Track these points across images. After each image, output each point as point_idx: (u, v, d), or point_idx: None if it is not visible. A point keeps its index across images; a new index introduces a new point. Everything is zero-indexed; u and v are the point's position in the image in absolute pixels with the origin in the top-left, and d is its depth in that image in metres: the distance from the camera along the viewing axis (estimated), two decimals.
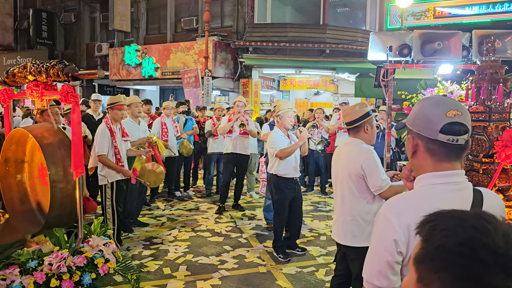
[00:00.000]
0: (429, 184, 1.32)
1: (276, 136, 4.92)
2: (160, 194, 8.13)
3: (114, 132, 4.70)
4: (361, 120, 3.01)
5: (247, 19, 14.04)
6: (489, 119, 3.25)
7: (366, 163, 2.89)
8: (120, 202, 4.83)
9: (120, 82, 15.77)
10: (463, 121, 1.28)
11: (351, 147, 3.06)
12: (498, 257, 0.67)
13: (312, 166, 8.66)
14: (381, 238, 1.29)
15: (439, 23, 15.19)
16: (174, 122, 7.64)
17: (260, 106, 14.59)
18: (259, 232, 6.01)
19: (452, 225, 0.74)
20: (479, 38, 3.83)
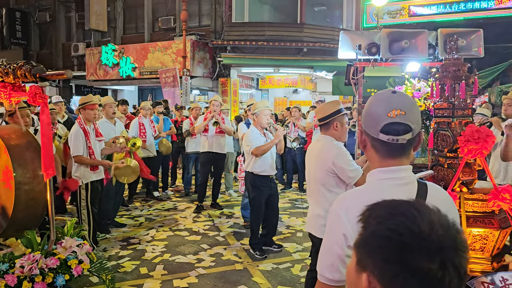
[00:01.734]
0: (376, 180, 1.37)
1: (252, 134, 4.99)
2: (138, 195, 8.09)
3: (88, 133, 4.67)
4: (331, 117, 3.09)
5: (225, 18, 14.05)
6: (452, 115, 3.36)
7: (337, 160, 2.98)
8: (95, 203, 4.81)
9: (97, 82, 15.58)
10: (405, 120, 1.29)
11: (322, 143, 3.15)
12: (422, 242, 0.72)
13: (290, 164, 8.75)
14: (332, 232, 1.34)
15: (414, 22, 15.47)
16: (152, 122, 7.61)
17: (239, 105, 14.62)
18: (236, 230, 6.06)
19: (384, 212, 0.80)
20: (444, 37, 3.95)
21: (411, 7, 15.47)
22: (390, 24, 15.28)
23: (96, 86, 16.19)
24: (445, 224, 0.76)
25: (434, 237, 0.73)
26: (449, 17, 15.00)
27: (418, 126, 1.36)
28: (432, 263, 0.71)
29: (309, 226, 3.29)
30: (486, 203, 3.17)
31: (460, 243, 0.74)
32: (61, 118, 7.24)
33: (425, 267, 0.71)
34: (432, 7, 15.26)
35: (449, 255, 0.72)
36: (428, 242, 0.72)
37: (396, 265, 0.73)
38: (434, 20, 15.23)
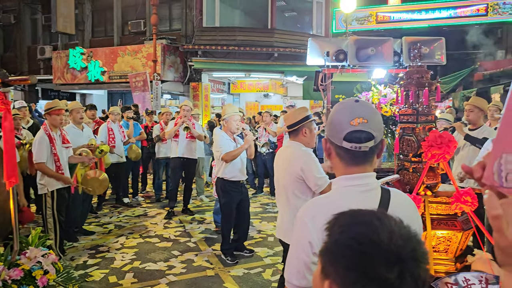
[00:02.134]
0: (341, 187, 1.41)
1: (222, 139, 4.98)
2: (107, 201, 7.94)
3: (53, 139, 4.54)
4: (300, 123, 3.14)
5: (196, 23, 14.01)
6: (417, 121, 3.47)
7: (305, 166, 3.01)
8: (61, 211, 4.68)
9: (65, 86, 15.20)
10: (367, 128, 1.33)
11: (291, 150, 3.18)
12: (381, 251, 0.74)
13: (261, 168, 8.79)
14: (299, 240, 1.36)
15: (381, 28, 15.89)
16: (121, 128, 7.49)
17: (211, 110, 14.58)
18: (208, 235, 6.03)
19: (348, 222, 0.82)
20: (408, 44, 4.08)
21: (378, 14, 15.88)
22: (358, 30, 15.63)
23: (64, 90, 15.81)
24: (406, 235, 0.78)
25: (393, 247, 0.75)
26: (414, 25, 15.47)
27: (380, 134, 1.39)
28: (390, 272, 0.73)
29: (278, 232, 3.33)
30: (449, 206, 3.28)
31: (419, 254, 0.76)
32: (26, 123, 7.03)
33: (383, 276, 0.73)
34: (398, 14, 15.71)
35: (407, 265, 0.74)
36: (387, 252, 0.74)
37: (356, 273, 0.75)
38: (400, 27, 15.68)
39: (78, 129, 5.74)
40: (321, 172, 3.03)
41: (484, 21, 14.90)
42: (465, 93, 12.91)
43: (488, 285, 2.75)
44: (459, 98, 12.79)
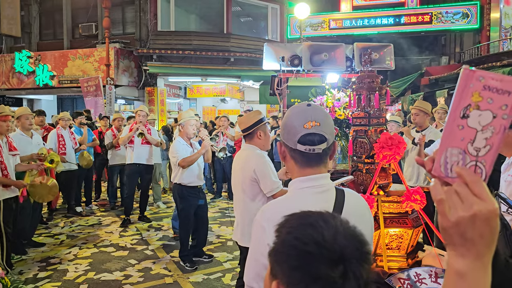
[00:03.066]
0: (297, 189, 1.44)
1: (179, 145, 4.93)
2: (58, 211, 7.61)
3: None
4: (254, 127, 3.20)
5: (150, 27, 13.79)
6: (369, 124, 3.60)
7: (258, 168, 3.06)
8: (9, 222, 4.44)
9: (10, 91, 14.46)
10: (320, 131, 1.37)
11: (246, 152, 3.22)
12: (324, 251, 0.76)
13: (220, 173, 8.76)
14: (257, 243, 1.38)
15: (334, 34, 16.36)
16: (72, 134, 7.23)
17: (167, 115, 14.37)
18: (166, 242, 5.93)
19: (295, 223, 0.84)
20: (359, 50, 4.23)
21: (331, 20, 16.33)
22: (312, 36, 16.00)
23: (9, 96, 15.02)
24: (350, 235, 0.80)
25: (336, 247, 0.77)
26: (365, 31, 16.05)
27: (332, 136, 1.44)
28: (334, 272, 0.75)
29: (235, 235, 3.36)
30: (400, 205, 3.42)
31: (362, 254, 0.78)
32: None
33: (326, 275, 0.75)
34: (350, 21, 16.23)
35: (350, 265, 0.76)
36: (330, 252, 0.76)
37: (300, 272, 0.76)
38: (352, 33, 16.22)
39: (27, 136, 5.48)
40: (274, 176, 3.08)
41: (429, 28, 15.70)
42: (413, 97, 13.51)
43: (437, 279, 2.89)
44: (407, 101, 13.37)
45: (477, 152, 0.71)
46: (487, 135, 0.70)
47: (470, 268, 0.71)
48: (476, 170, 0.72)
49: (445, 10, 15.32)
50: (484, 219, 0.68)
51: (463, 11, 15.15)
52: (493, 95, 0.69)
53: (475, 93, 0.70)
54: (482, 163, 0.71)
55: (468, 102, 0.71)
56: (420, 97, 12.69)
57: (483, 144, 0.71)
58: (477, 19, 14.98)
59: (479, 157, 0.71)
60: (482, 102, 0.70)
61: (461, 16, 15.15)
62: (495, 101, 0.69)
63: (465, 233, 0.70)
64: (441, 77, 14.07)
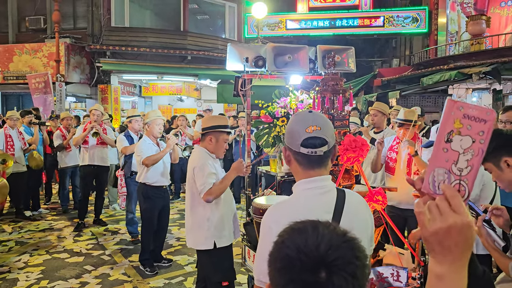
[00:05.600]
0: (301, 190, 1.54)
1: (144, 144, 4.84)
2: (5, 215, 7.16)
3: None
4: (207, 130, 3.26)
5: (103, 22, 13.30)
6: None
7: (196, 168, 3.13)
8: None
9: None
10: (321, 135, 1.48)
11: (195, 153, 3.32)
12: (303, 256, 0.79)
13: (178, 173, 8.60)
14: (264, 242, 1.45)
15: (291, 34, 16.56)
16: (21, 134, 6.82)
17: (121, 113, 13.94)
18: (123, 246, 5.74)
19: (289, 228, 0.88)
20: (322, 52, 4.27)
21: (288, 21, 16.50)
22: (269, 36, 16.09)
23: None
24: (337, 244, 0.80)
25: (315, 254, 0.79)
26: (321, 32, 16.36)
27: (333, 139, 1.54)
28: (313, 277, 0.78)
29: (188, 240, 3.40)
30: None
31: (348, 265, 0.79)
32: None
33: (310, 279, 0.77)
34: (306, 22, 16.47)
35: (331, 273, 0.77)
36: (308, 257, 0.78)
37: (283, 275, 0.81)
38: (308, 34, 16.49)
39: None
40: (206, 178, 3.10)
41: (381, 31, 16.25)
42: (367, 97, 13.93)
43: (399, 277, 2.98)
44: (361, 102, 13.77)
45: (460, 172, 0.82)
46: (468, 157, 0.81)
47: (447, 271, 0.81)
48: (460, 188, 0.82)
49: (396, 14, 15.92)
50: (458, 230, 0.78)
51: (413, 16, 15.81)
52: (472, 122, 0.80)
53: (456, 120, 0.81)
54: (465, 181, 0.82)
55: (451, 128, 0.82)
56: (373, 97, 13.10)
57: (465, 165, 0.81)
58: (425, 23, 15.69)
59: (462, 176, 0.82)
60: (463, 128, 0.81)
61: (411, 20, 15.80)
62: (473, 128, 0.80)
63: (443, 242, 0.80)
64: (393, 79, 14.61)
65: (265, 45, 4.27)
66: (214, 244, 3.23)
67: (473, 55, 12.78)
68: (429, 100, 13.57)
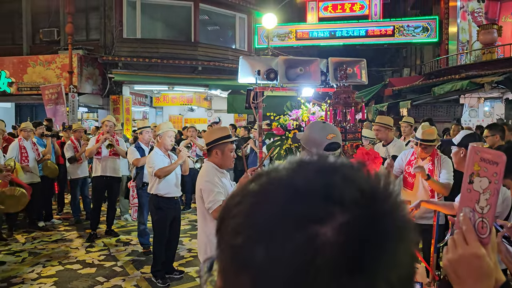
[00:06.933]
0: None
1: (156, 155, 4.88)
2: (19, 226, 7.23)
3: None
4: (211, 144, 3.25)
5: (116, 33, 13.50)
6: (345, 139, 3.64)
7: (203, 186, 3.13)
8: None
9: None
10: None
11: (203, 169, 3.32)
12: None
13: (189, 184, 8.60)
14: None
15: (301, 45, 16.63)
16: (34, 145, 6.92)
17: (132, 123, 14.06)
18: (135, 258, 5.75)
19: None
20: (334, 65, 4.29)
21: (297, 31, 16.57)
22: (279, 46, 16.18)
23: None
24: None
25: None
26: (331, 42, 16.39)
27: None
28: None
29: (199, 253, 3.42)
30: None
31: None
32: None
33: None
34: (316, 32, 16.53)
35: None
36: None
37: None
38: (318, 44, 16.53)
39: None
40: (214, 195, 3.07)
41: (392, 41, 16.23)
42: (377, 107, 13.89)
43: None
44: (372, 112, 13.72)
45: (482, 210, 0.88)
46: (486, 196, 0.88)
47: None
48: (483, 225, 0.88)
49: (407, 24, 15.91)
50: (467, 261, 0.85)
51: (423, 25, 15.78)
52: (487, 165, 0.88)
53: (475, 163, 0.90)
54: (486, 219, 0.88)
55: (472, 171, 0.90)
56: (384, 107, 13.05)
57: (485, 203, 0.88)
58: (436, 33, 15.64)
59: (484, 214, 0.88)
60: (481, 170, 0.89)
61: (422, 30, 15.77)
62: (488, 170, 0.88)
63: (456, 271, 0.87)
64: (404, 88, 14.55)
65: (277, 57, 4.30)
66: None
67: (485, 65, 12.70)
68: (441, 110, 13.48)
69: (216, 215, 3.11)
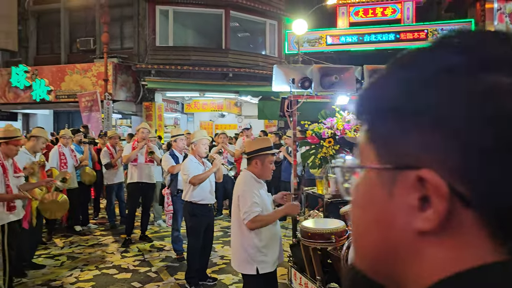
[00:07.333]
0: None
1: (191, 163, 4.94)
2: (57, 230, 7.47)
3: (6, 169, 4.21)
4: (252, 154, 3.27)
5: (149, 42, 13.81)
6: None
7: (241, 194, 3.14)
8: (13, 245, 4.33)
9: (5, 106, 14.33)
10: None
11: (241, 177, 3.32)
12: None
13: (221, 191, 8.67)
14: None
15: (331, 50, 16.48)
16: (73, 152, 7.14)
17: (164, 129, 14.31)
18: (169, 264, 5.82)
19: None
20: (369, 72, 4.24)
21: (328, 36, 16.46)
22: (309, 52, 16.11)
23: (4, 110, 14.88)
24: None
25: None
26: (362, 47, 16.18)
27: None
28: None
29: (233, 261, 3.42)
30: None
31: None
32: None
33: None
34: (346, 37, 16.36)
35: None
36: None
37: None
38: (349, 49, 16.34)
39: (30, 155, 5.38)
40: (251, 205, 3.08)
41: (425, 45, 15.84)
42: None
43: None
44: None
45: None
46: None
47: None
48: None
49: (441, 28, 15.53)
50: None
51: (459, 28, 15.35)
52: None
53: None
54: None
55: None
56: None
57: None
58: None
59: None
60: None
61: None
62: None
63: None
64: None
65: (311, 66, 4.28)
66: (256, 270, 3.22)
67: None
68: None
69: (249, 226, 3.11)
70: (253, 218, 3.06)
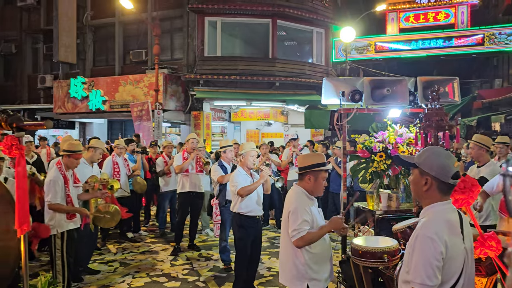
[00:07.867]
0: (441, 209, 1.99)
1: (239, 175, 4.97)
2: (110, 236, 7.77)
3: (67, 180, 4.45)
4: (305, 169, 3.19)
5: (198, 52, 14.14)
6: None
7: (292, 211, 3.07)
8: (71, 252, 4.55)
9: (65, 115, 15.18)
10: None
11: (292, 192, 3.26)
12: None
13: (267, 201, 8.66)
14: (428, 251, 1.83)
15: (380, 57, 16.13)
16: (126, 161, 7.42)
17: (212, 137, 14.57)
18: (217, 274, 5.88)
19: None
20: (423, 84, 4.09)
21: (377, 43, 16.11)
22: (357, 60, 15.84)
23: (64, 119, 15.78)
24: None
25: None
26: (413, 54, 15.70)
27: None
28: None
29: (282, 277, 3.31)
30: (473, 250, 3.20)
31: None
32: (30, 158, 6.94)
33: None
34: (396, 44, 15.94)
35: None
36: None
37: None
38: (399, 56, 15.91)
39: (89, 165, 5.64)
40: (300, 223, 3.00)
41: (481, 50, 15.16)
42: (465, 121, 12.99)
43: None
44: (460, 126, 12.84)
45: None
46: None
47: None
48: None
49: (498, 31, 14.77)
50: None
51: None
52: None
53: None
54: None
55: None
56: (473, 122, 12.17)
57: None
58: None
59: None
60: None
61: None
62: None
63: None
64: (495, 101, 13.47)
65: (361, 78, 4.20)
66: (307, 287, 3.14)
67: None
68: None
69: (296, 244, 3.04)
70: (301, 237, 3.00)
